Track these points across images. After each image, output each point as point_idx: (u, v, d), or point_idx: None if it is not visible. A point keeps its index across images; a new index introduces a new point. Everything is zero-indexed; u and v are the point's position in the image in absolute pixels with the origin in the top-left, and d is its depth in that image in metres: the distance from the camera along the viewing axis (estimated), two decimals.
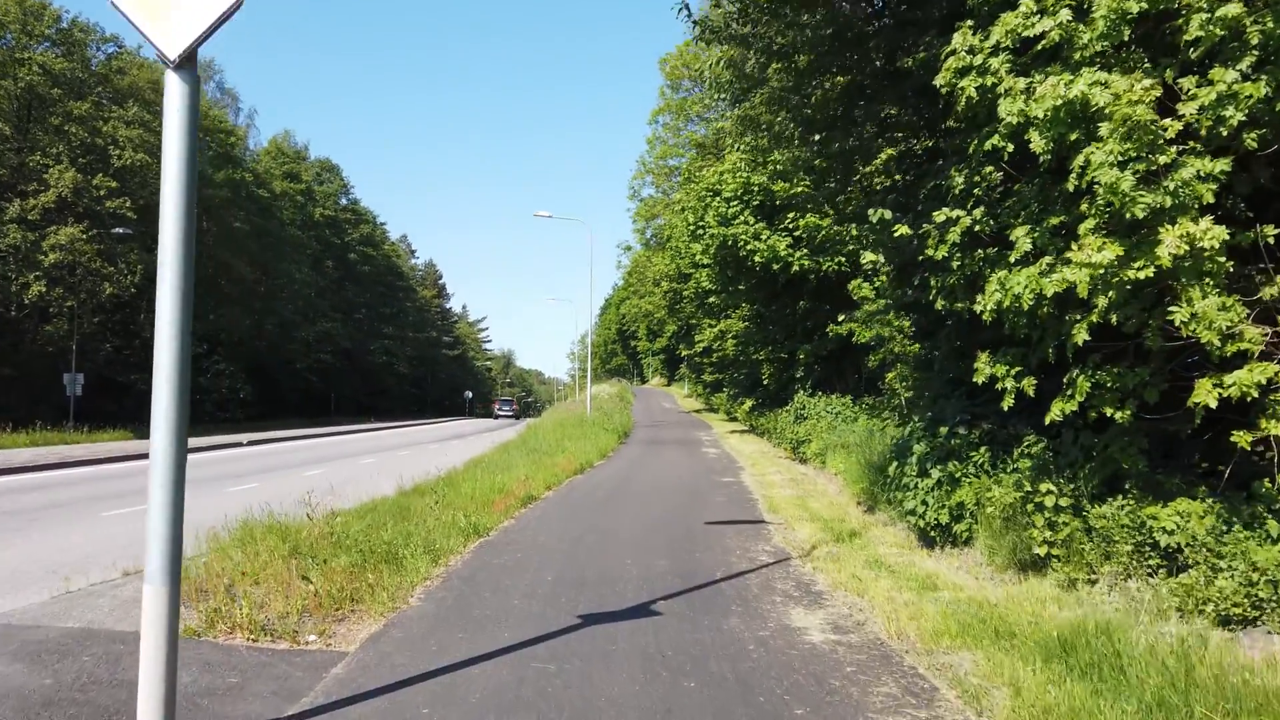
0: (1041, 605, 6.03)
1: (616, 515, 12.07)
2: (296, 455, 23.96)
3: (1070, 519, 6.62)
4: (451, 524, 10.27)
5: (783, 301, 22.93)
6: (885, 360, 19.05)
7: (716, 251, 21.67)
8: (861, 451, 15.23)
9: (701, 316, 31.62)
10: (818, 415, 19.59)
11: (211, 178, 43.96)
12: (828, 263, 19.85)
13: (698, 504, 13.33)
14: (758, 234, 20.58)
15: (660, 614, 6.47)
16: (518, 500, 13.11)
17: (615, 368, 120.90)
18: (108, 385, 40.26)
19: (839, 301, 21.37)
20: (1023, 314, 5.89)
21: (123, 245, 36.62)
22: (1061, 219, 5.73)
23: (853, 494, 13.14)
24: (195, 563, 7.14)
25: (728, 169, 21.79)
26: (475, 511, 11.56)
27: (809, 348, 21.55)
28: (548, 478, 15.98)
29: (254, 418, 51.14)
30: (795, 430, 20.04)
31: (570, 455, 20.32)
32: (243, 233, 47.15)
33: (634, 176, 49.25)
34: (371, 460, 21.70)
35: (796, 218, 20.15)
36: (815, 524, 10.78)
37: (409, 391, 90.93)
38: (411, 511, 11.01)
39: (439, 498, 12.11)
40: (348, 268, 69.54)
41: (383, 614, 6.56)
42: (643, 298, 47.10)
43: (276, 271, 52.35)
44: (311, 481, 15.63)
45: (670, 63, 45.69)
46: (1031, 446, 7.29)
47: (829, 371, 22.36)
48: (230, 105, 63.95)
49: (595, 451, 22.42)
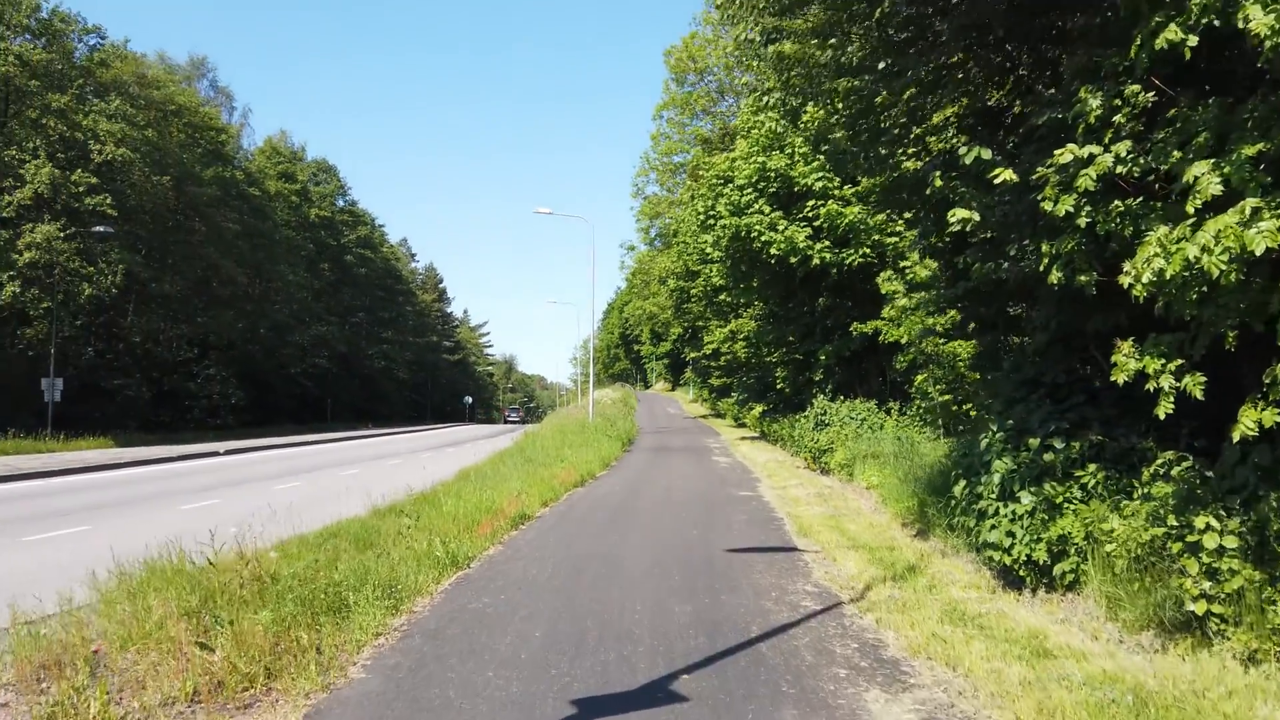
0: (1230, 697, 4.25)
1: (621, 540, 10.33)
2: (274, 465, 22.23)
3: (1242, 565, 4.86)
4: (425, 554, 8.54)
5: (800, 298, 21.13)
6: (916, 361, 17.30)
7: (728, 244, 19.88)
8: (898, 463, 13.48)
9: (710, 316, 29.88)
10: (841, 421, 17.83)
11: (199, 175, 42.37)
12: (851, 255, 18.09)
13: (715, 524, 11.58)
14: (774, 224, 18.80)
15: (686, 700, 4.71)
16: (508, 521, 11.37)
17: (618, 372, 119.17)
18: (90, 391, 38.61)
19: (862, 298, 19.62)
20: (1199, 285, 4.15)
21: (103, 244, 35.00)
22: (1263, 146, 3.99)
23: (894, 513, 11.37)
24: (65, 620, 5.41)
25: (741, 155, 19.96)
26: (457, 536, 9.83)
27: (829, 348, 19.77)
28: (544, 492, 14.25)
29: (246, 424, 49.51)
30: (816, 438, 18.30)
31: (570, 465, 18.59)
32: (233, 233, 45.51)
33: (638, 173, 47.60)
34: (354, 471, 19.99)
35: (817, 206, 18.36)
36: (860, 553, 9.02)
37: (408, 397, 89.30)
38: (379, 538, 9.28)
39: (415, 519, 10.38)
40: (344, 270, 67.89)
41: (307, 696, 4.82)
42: (647, 299, 45.38)
43: (270, 273, 50.71)
44: (281, 496, 13.92)
45: (675, 55, 44.03)
46: (1172, 466, 5.53)
47: (850, 374, 20.59)
48: (224, 104, 62.54)
49: (597, 461, 20.68)
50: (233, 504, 13.95)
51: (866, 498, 13.50)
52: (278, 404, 56.29)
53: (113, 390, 39.12)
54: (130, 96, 37.81)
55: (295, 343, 56.65)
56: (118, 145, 35.29)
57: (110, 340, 40.75)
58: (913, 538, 9.94)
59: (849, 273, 19.03)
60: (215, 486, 16.62)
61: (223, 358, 47.47)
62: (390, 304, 79.80)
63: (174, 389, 44.29)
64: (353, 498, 12.35)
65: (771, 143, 18.99)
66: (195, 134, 44.32)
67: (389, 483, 14.33)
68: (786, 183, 18.83)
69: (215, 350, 46.85)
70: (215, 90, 62.07)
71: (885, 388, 20.13)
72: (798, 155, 18.65)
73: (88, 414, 36.87)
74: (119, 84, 37.61)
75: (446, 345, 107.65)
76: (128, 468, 20.62)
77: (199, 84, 60.21)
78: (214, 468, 21.37)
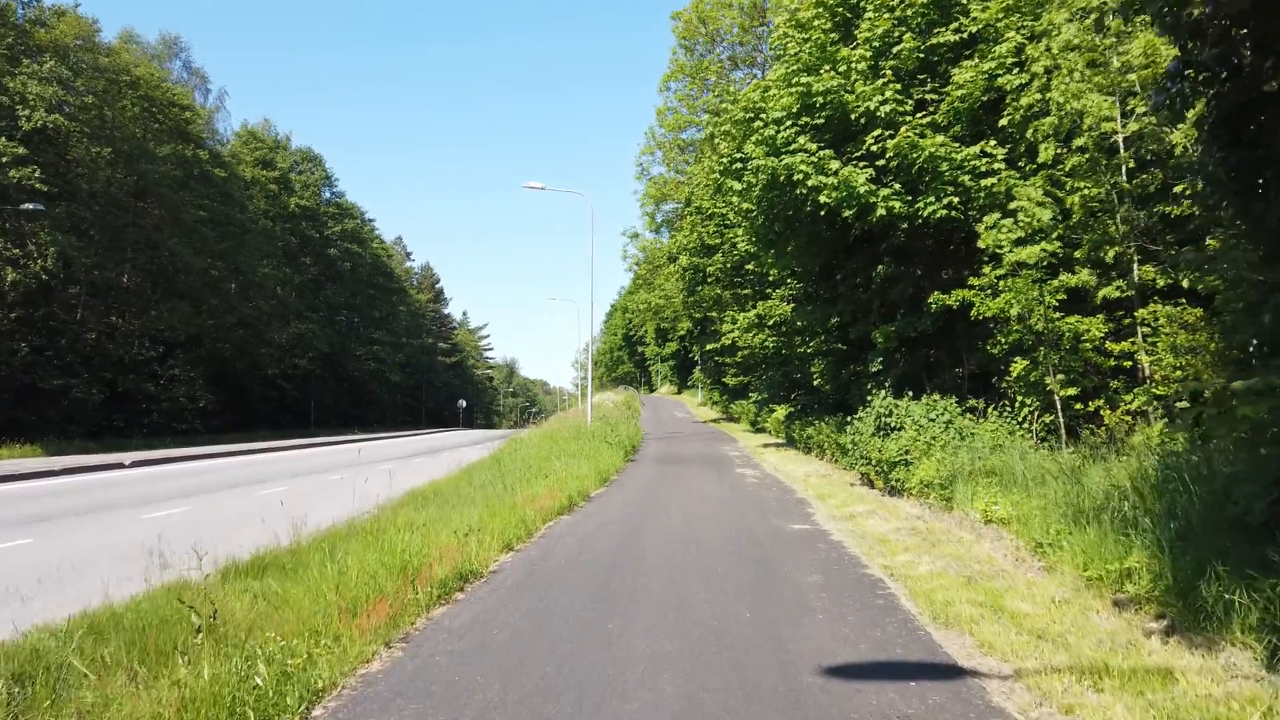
0: None
1: (622, 633, 5.81)
2: (180, 482, 17.68)
3: None
4: (209, 699, 4.06)
5: (852, 267, 16.47)
6: (1022, 343, 12.74)
7: (761, 194, 15.28)
8: (1039, 489, 8.90)
9: (729, 301, 25.32)
10: (917, 425, 13.28)
11: (152, 152, 37.99)
12: (931, 204, 13.49)
13: (773, 593, 7.06)
14: (822, 165, 14.20)
15: None
16: (432, 588, 6.86)
17: (622, 375, 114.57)
18: (28, 393, 34.19)
19: (937, 262, 15.07)
20: None
21: (32, 224, 30.65)
22: None
23: (1077, 576, 6.78)
24: None
25: (776, 80, 15.16)
26: (320, 631, 5.35)
27: (891, 329, 15.17)
28: (511, 527, 9.73)
29: (216, 430, 45.12)
30: (881, 446, 13.75)
31: (556, 483, 14.11)
32: (195, 218, 41.15)
33: (642, 151, 42.96)
34: (277, 490, 15.47)
35: (882, 138, 13.77)
36: (1095, 682, 4.48)
37: (402, 401, 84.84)
38: (148, 654, 4.78)
39: (260, 598, 5.90)
40: (328, 264, 63.48)
41: None
42: (652, 290, 40.80)
43: (241, 265, 46.31)
44: (127, 533, 9.46)
45: (683, 19, 39.56)
46: None
47: (915, 364, 16.03)
48: (198, 86, 58.23)
49: (593, 476, 16.16)
50: (54, 541, 9.47)
51: (992, 538, 8.92)
52: (253, 408, 51.74)
53: (53, 392, 34.68)
54: (70, 61, 33.50)
55: (273, 341, 52.26)
56: (50, 112, 30.96)
57: (51, 335, 36.29)
58: (1161, 635, 5.34)
59: (923, 229, 14.47)
60: (53, 516, 12.07)
61: (191, 357, 43.10)
62: (382, 303, 75.37)
63: (130, 391, 39.86)
64: (237, 533, 7.84)
65: (817, 60, 14.35)
66: (153, 109, 39.95)
67: (303, 508, 9.85)
68: (839, 110, 14.19)
69: (182, 349, 42.51)
70: (189, 71, 57.84)
71: (963, 381, 15.57)
72: (854, 73, 14.01)
73: (23, 419, 32.53)
74: (57, 45, 33.29)
75: (443, 347, 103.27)
76: None
77: (171, 64, 56.02)
78: (91, 486, 16.78)
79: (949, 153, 12.91)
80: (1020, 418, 13.17)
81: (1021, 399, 13.10)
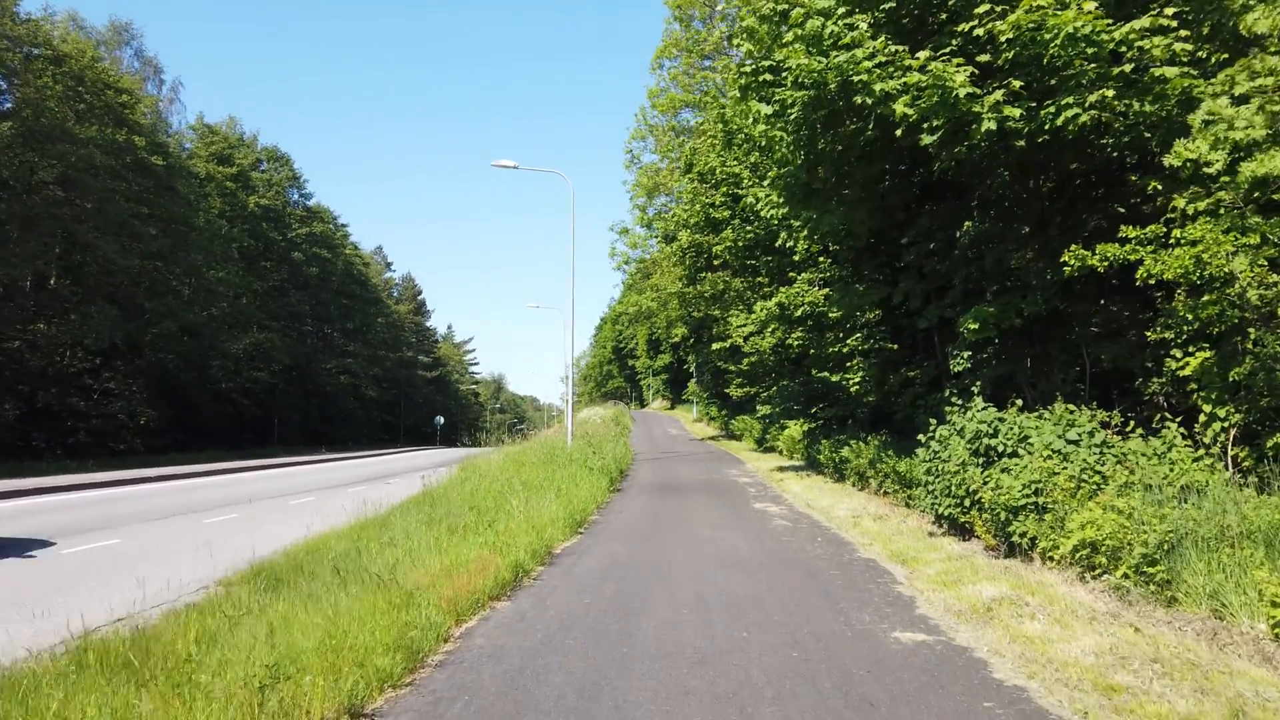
0: None
1: None
2: (13, 524, 12.85)
3: None
4: None
5: (926, 224, 11.64)
6: (1223, 319, 8.14)
7: (802, 116, 10.53)
8: None
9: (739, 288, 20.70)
10: (1050, 449, 8.68)
11: (73, 132, 33.26)
12: (1069, 105, 8.67)
13: None
14: (897, 60, 9.46)
15: None
16: None
17: (612, 390, 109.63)
18: None
19: (1053, 214, 10.49)
20: None
21: None
22: None
23: None
24: None
25: None
26: None
27: (990, 311, 10.51)
28: (377, 652, 5.04)
29: (159, 450, 39.88)
30: (988, 480, 9.16)
31: (507, 532, 9.43)
32: (128, 211, 36.39)
33: (631, 136, 38.43)
34: (111, 543, 10.69)
35: (991, 15, 9.12)
36: None
37: (379, 418, 79.50)
38: None
39: None
40: (293, 269, 58.55)
41: None
42: (642, 293, 36.23)
43: (183, 264, 41.48)
44: None
45: None
46: None
47: (1014, 362, 11.43)
48: (151, 76, 53.62)
49: (563, 519, 11.45)
50: None
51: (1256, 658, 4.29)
52: (204, 425, 46.53)
53: None
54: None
55: (227, 352, 47.35)
56: None
57: None
58: None
59: (1040, 159, 9.83)
60: None
61: (131, 369, 38.21)
62: (356, 313, 70.34)
63: (50, 406, 34.84)
64: None
65: None
66: (80, 88, 35.29)
67: (114, 581, 5.15)
68: None
69: (122, 359, 37.64)
70: (140, 60, 53.23)
71: (1083, 385, 10.96)
72: None
73: None
74: None
75: (424, 361, 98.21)
76: None
77: (121, 52, 51.41)
78: None
79: (1098, 30, 8.35)
80: (1209, 439, 8.57)
81: (1210, 410, 8.50)
